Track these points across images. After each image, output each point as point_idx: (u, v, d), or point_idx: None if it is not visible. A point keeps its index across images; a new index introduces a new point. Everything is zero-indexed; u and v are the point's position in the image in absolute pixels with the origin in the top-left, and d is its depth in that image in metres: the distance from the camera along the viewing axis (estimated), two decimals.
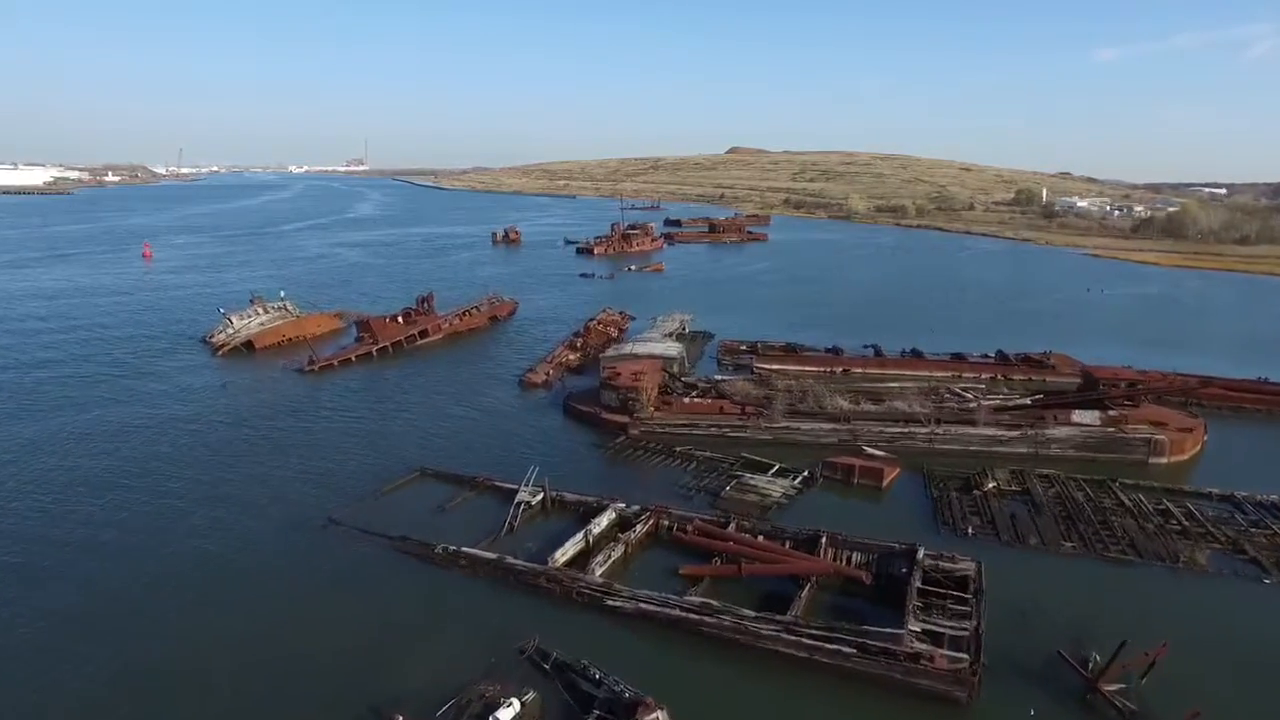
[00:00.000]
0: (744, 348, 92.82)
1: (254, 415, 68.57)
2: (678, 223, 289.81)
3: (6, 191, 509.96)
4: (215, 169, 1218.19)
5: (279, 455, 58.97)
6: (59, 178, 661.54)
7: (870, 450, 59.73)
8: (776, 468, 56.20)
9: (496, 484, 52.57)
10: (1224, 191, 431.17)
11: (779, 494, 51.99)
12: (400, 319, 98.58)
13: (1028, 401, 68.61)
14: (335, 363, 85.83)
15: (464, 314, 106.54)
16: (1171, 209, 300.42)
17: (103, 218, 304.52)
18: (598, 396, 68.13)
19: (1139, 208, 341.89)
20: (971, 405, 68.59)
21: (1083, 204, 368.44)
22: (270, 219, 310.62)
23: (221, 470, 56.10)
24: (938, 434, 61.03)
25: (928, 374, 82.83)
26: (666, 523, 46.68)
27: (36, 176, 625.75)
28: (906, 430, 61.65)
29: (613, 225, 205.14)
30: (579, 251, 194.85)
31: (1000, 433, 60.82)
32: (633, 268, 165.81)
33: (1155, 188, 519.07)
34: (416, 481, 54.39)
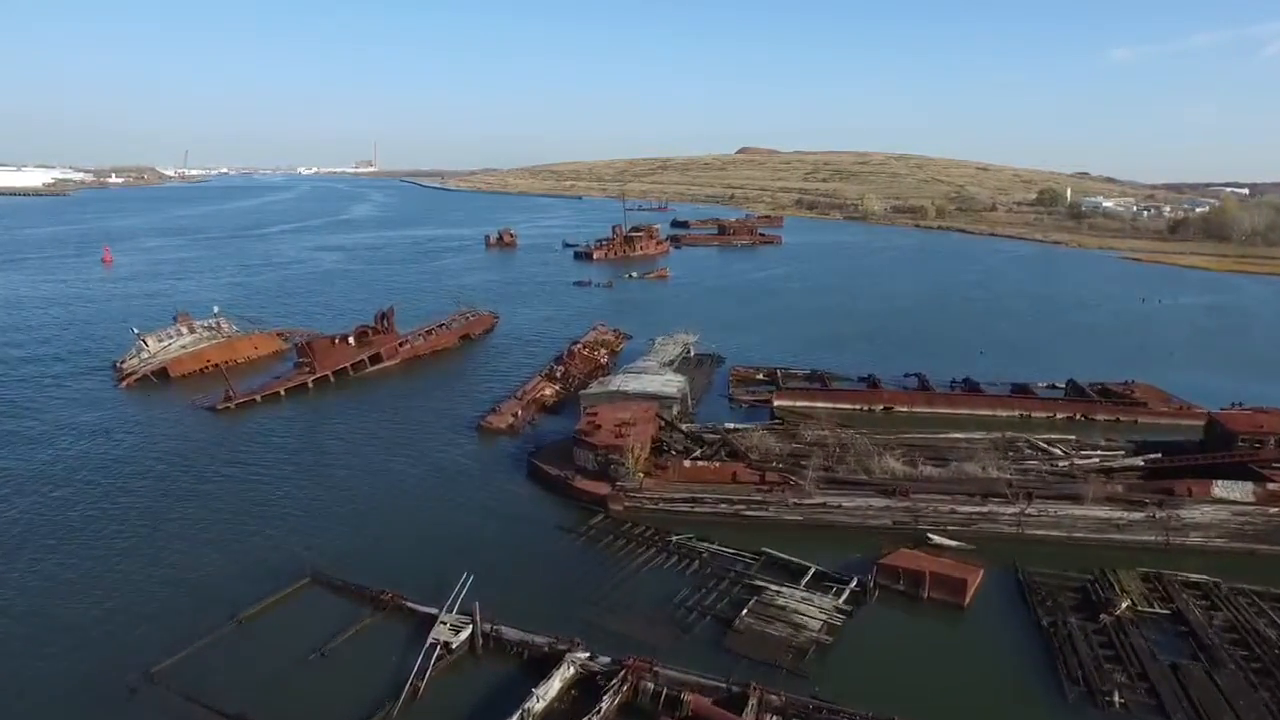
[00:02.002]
0: (760, 376, 76.80)
1: (124, 476, 52.78)
2: (685, 224, 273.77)
3: (1, 193, 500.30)
4: (225, 170, 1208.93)
5: (123, 550, 43.03)
6: (61, 179, 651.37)
7: (938, 540, 43.45)
8: (812, 572, 39.98)
9: (408, 605, 36.51)
10: (1246, 191, 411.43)
11: (819, 623, 35.72)
12: (351, 340, 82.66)
13: (1139, 462, 52.11)
14: (258, 398, 69.93)
15: (429, 332, 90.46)
16: (1201, 209, 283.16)
17: (85, 220, 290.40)
18: (571, 452, 52.12)
19: (1167, 208, 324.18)
20: (1062, 464, 52.30)
21: (1109, 204, 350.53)
22: (260, 220, 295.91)
23: (34, 571, 40.30)
24: (1030, 516, 44.68)
25: (989, 413, 66.61)
26: (651, 686, 30.59)
27: (36, 178, 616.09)
28: (985, 510, 45.32)
29: (614, 228, 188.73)
30: (577, 256, 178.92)
31: (1117, 514, 44.41)
32: (634, 274, 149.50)
33: (1176, 188, 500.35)
34: (301, 594, 38.36)
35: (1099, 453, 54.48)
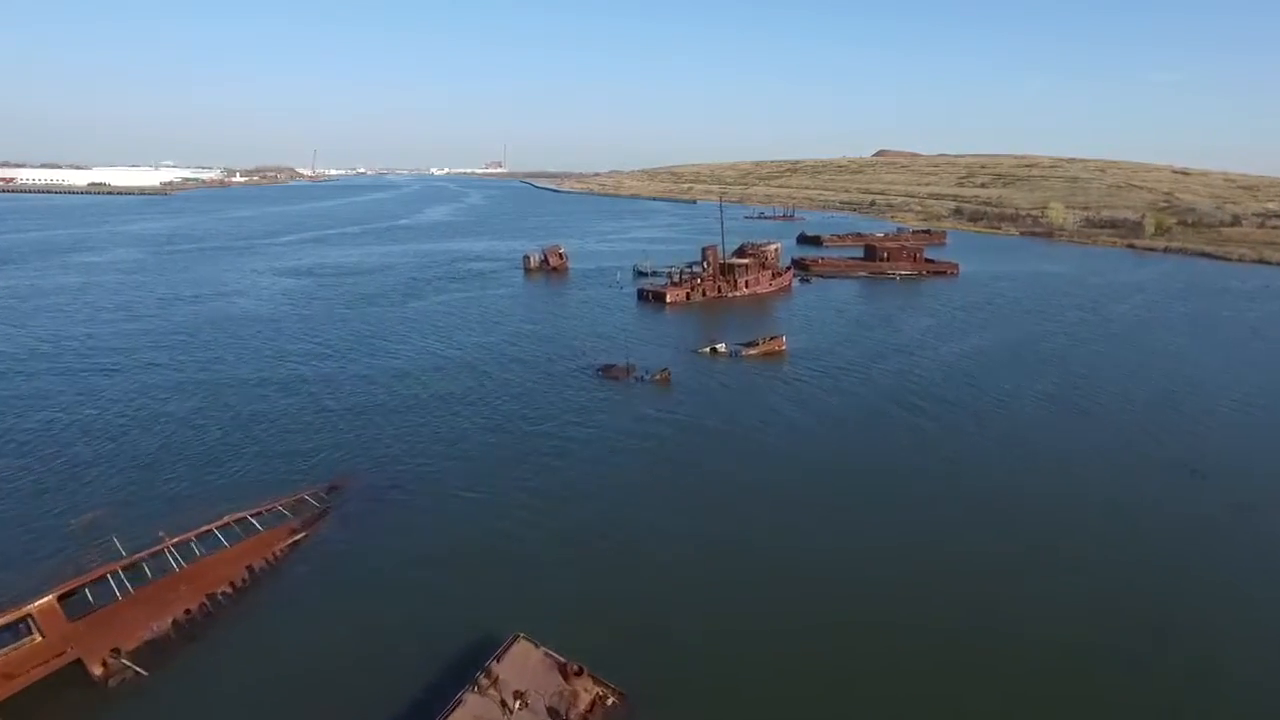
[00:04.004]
0: None
1: None
2: (817, 240, 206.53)
3: (116, 192, 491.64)
4: (362, 170, 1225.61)
5: None
6: (188, 179, 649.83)
7: None
8: None
9: None
10: None
11: None
12: None
13: None
14: None
15: None
16: None
17: (105, 222, 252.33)
18: None
19: None
20: None
21: None
22: (291, 226, 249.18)
23: None
24: None
25: None
26: None
27: (155, 177, 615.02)
28: None
29: (705, 250, 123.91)
30: (642, 297, 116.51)
31: None
32: (721, 347, 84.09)
33: None
34: None
35: None
